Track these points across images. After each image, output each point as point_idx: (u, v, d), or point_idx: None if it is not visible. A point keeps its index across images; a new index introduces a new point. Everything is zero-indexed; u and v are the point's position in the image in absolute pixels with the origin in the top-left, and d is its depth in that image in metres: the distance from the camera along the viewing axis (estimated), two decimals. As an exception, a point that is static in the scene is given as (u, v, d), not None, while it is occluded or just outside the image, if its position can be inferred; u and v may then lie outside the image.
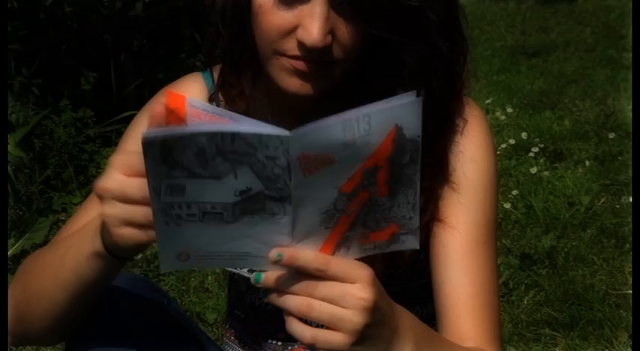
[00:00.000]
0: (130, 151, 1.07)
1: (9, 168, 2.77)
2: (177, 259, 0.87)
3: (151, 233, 0.87)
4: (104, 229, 0.92)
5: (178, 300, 2.51)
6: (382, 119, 0.81)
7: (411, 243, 0.91)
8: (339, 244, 0.86)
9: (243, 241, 0.86)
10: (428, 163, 1.01)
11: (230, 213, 0.83)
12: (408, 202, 0.89)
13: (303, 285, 0.84)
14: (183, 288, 2.62)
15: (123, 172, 0.87)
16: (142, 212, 0.86)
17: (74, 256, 0.99)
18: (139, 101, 0.90)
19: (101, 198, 0.89)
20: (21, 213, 2.76)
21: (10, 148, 2.75)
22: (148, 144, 0.78)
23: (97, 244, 0.94)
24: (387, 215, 0.88)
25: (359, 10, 0.99)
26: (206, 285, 2.65)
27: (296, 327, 0.85)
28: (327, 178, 0.83)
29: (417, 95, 0.96)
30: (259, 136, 0.78)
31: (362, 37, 1.03)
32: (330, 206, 0.84)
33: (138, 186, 0.86)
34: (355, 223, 0.87)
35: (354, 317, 0.83)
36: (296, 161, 0.79)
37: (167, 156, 0.79)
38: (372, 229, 0.88)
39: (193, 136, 0.77)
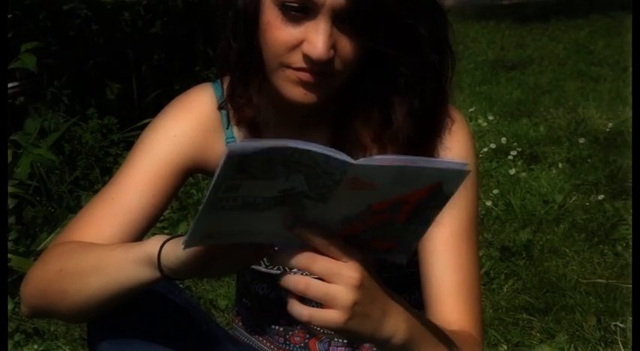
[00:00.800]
0: None
1: (41, 169, 2.79)
2: (201, 239, 0.88)
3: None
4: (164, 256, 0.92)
5: (194, 288, 2.51)
6: (431, 175, 0.82)
7: (402, 258, 0.91)
8: (345, 239, 0.87)
9: (265, 224, 0.87)
10: None
11: (266, 204, 0.84)
12: (417, 232, 0.90)
13: (305, 257, 0.85)
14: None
15: None
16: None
17: (121, 263, 0.99)
18: (158, 109, 0.98)
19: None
20: (52, 210, 2.78)
21: (42, 151, 2.75)
22: (231, 155, 0.77)
23: (153, 267, 0.94)
24: (395, 235, 0.89)
25: (359, 27, 1.00)
26: None
27: (296, 307, 0.85)
28: (364, 197, 0.83)
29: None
30: (327, 157, 0.78)
31: (361, 50, 1.03)
32: (354, 215, 0.85)
33: None
34: (366, 231, 0.88)
35: (344, 294, 0.84)
36: (347, 181, 0.80)
37: (241, 164, 0.79)
38: (377, 239, 0.89)
39: (270, 150, 0.78)
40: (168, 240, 0.93)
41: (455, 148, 1.14)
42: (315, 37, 0.99)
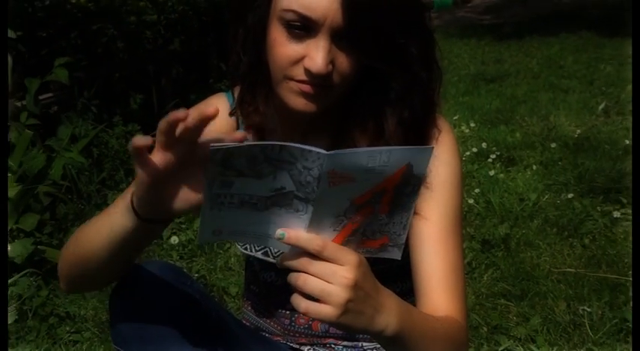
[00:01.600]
0: None
1: (72, 171, 2.78)
2: (212, 234, 0.87)
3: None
4: (136, 185, 0.89)
5: (208, 277, 2.51)
6: (399, 156, 0.82)
7: (395, 254, 0.91)
8: (342, 244, 0.87)
9: (267, 226, 0.87)
10: None
11: (263, 204, 0.84)
12: (402, 222, 0.89)
13: (303, 260, 0.84)
14: (211, 267, 2.61)
15: (159, 133, 0.84)
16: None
17: (113, 210, 0.98)
18: None
19: (134, 155, 0.86)
20: (82, 207, 2.80)
21: (73, 155, 2.77)
22: (215, 151, 0.78)
23: (129, 205, 0.93)
24: (383, 229, 0.89)
25: (355, 45, 1.00)
26: (229, 265, 2.64)
27: (296, 299, 0.85)
28: (345, 192, 0.83)
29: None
30: (302, 150, 0.79)
31: (356, 66, 1.03)
32: (341, 213, 0.85)
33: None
34: (357, 230, 0.87)
35: (339, 292, 0.83)
36: (326, 174, 0.80)
37: (225, 160, 0.80)
38: (368, 237, 0.89)
39: (250, 147, 0.79)
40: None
41: (442, 155, 1.14)
42: (316, 54, 0.99)
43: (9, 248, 2.37)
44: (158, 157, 0.86)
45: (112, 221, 0.96)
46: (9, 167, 2.64)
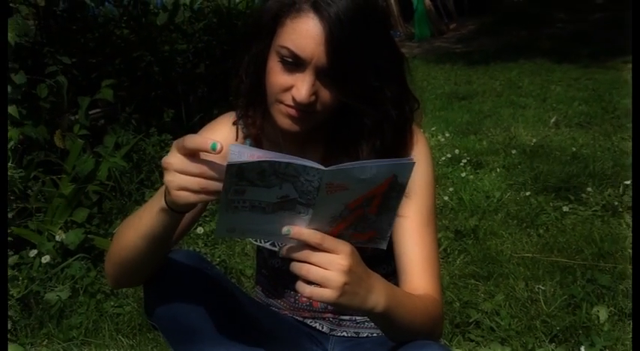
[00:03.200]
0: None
1: (116, 173, 2.76)
2: (227, 231, 0.87)
3: (200, 196, 0.85)
4: (167, 192, 0.89)
5: (227, 261, 2.48)
6: (386, 169, 0.82)
7: (382, 245, 0.92)
8: (336, 237, 0.87)
9: (273, 225, 0.86)
10: None
11: (270, 208, 0.84)
12: (388, 220, 0.89)
13: (304, 252, 0.84)
14: (230, 253, 2.60)
15: (182, 153, 0.85)
16: (194, 181, 0.85)
17: (148, 211, 0.97)
18: (201, 127, 0.98)
19: (165, 170, 0.86)
20: (124, 202, 2.79)
21: (117, 160, 2.76)
22: (230, 166, 0.78)
23: (162, 203, 0.92)
24: (372, 226, 0.89)
25: (335, 83, 1.00)
26: (246, 251, 2.63)
27: (300, 286, 0.85)
28: (341, 198, 0.83)
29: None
30: (304, 167, 0.79)
31: (335, 99, 1.02)
32: (337, 214, 0.85)
33: (190, 163, 0.84)
34: (349, 227, 0.87)
35: (336, 277, 0.83)
36: (324, 186, 0.80)
37: (239, 173, 0.79)
38: (359, 232, 0.89)
39: (260, 163, 0.78)
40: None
41: (417, 164, 1.11)
42: (302, 85, 0.99)
43: (64, 237, 2.36)
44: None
45: (152, 216, 0.96)
46: (64, 170, 2.64)
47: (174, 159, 0.85)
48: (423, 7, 8.45)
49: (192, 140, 0.84)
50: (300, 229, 0.84)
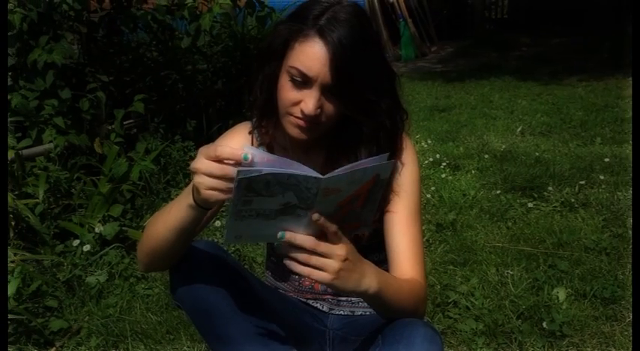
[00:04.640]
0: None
1: (146, 174, 2.75)
2: (234, 238, 0.87)
3: (228, 195, 0.85)
4: (195, 191, 0.90)
5: (241, 249, 2.41)
6: (371, 171, 0.83)
7: (367, 229, 0.96)
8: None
9: (276, 228, 0.85)
10: None
11: (273, 214, 0.83)
12: (371, 210, 0.91)
13: (304, 256, 0.86)
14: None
15: (207, 158, 0.85)
16: (219, 182, 0.85)
17: (177, 207, 0.97)
18: (219, 136, 0.98)
19: (194, 173, 0.87)
20: (153, 199, 2.77)
21: (147, 163, 2.75)
22: (240, 180, 0.77)
23: (190, 200, 0.93)
24: (358, 217, 0.91)
25: (338, 98, 1.01)
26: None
27: (299, 267, 0.86)
28: (334, 199, 0.84)
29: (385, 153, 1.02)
30: (305, 177, 0.79)
31: (339, 112, 1.03)
32: (331, 212, 0.85)
33: (217, 167, 0.85)
34: (340, 221, 0.87)
35: (333, 264, 0.85)
36: (321, 191, 0.80)
37: (248, 186, 0.78)
38: (347, 222, 0.90)
39: (266, 176, 0.78)
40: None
41: (405, 167, 1.13)
42: (309, 100, 0.99)
43: (102, 229, 2.36)
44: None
45: (180, 211, 0.96)
46: (102, 172, 2.65)
47: (201, 164, 0.85)
48: (408, 32, 8.45)
49: (224, 150, 0.84)
50: (293, 235, 0.85)
